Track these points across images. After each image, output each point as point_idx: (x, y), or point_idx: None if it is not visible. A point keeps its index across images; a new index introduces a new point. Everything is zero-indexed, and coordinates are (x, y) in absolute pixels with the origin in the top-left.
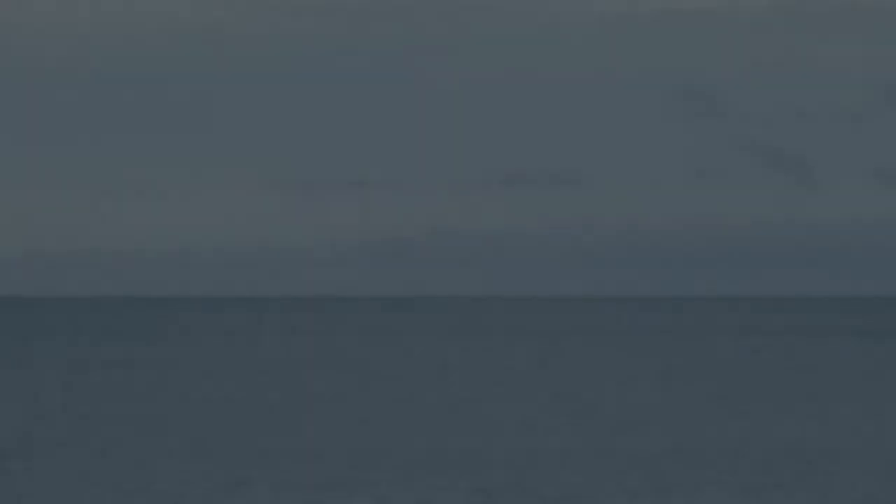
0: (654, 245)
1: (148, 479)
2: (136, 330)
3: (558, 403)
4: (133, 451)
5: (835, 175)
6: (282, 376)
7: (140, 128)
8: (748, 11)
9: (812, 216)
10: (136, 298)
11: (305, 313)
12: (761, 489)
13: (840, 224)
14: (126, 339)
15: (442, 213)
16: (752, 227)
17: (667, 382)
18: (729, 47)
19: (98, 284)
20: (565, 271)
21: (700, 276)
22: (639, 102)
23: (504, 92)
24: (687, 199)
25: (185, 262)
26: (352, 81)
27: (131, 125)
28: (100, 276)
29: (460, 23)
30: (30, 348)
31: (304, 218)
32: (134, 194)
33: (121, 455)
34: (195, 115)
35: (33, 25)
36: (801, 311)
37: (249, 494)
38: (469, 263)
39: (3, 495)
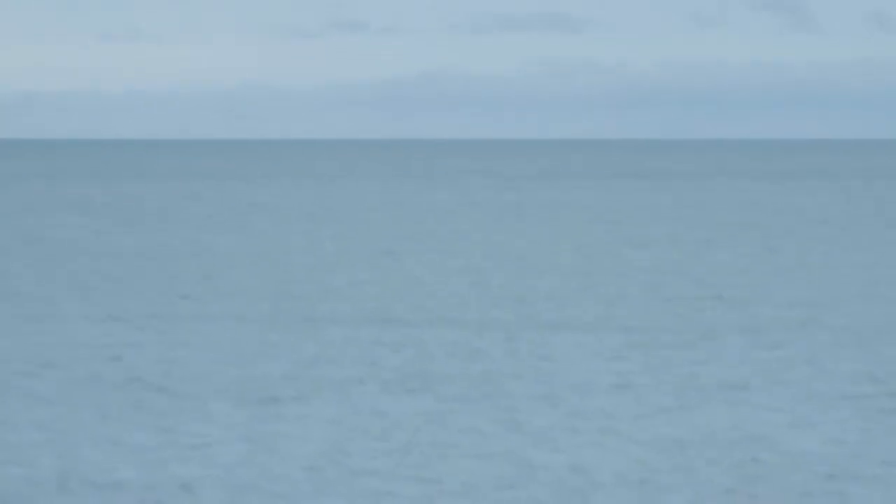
0: (652, 89)
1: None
2: (123, 171)
3: (546, 247)
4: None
5: (833, 18)
6: (265, 220)
7: None
8: None
9: (811, 58)
10: (129, 141)
11: (297, 156)
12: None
13: (838, 66)
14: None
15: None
16: (750, 70)
17: (664, 224)
18: None
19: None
20: (560, 114)
21: (698, 118)
22: None
23: None
24: (684, 43)
25: (177, 104)
26: None
27: None
28: (94, 117)
29: None
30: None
31: (297, 61)
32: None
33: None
34: None
35: None
36: (800, 154)
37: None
38: (462, 106)
39: None
